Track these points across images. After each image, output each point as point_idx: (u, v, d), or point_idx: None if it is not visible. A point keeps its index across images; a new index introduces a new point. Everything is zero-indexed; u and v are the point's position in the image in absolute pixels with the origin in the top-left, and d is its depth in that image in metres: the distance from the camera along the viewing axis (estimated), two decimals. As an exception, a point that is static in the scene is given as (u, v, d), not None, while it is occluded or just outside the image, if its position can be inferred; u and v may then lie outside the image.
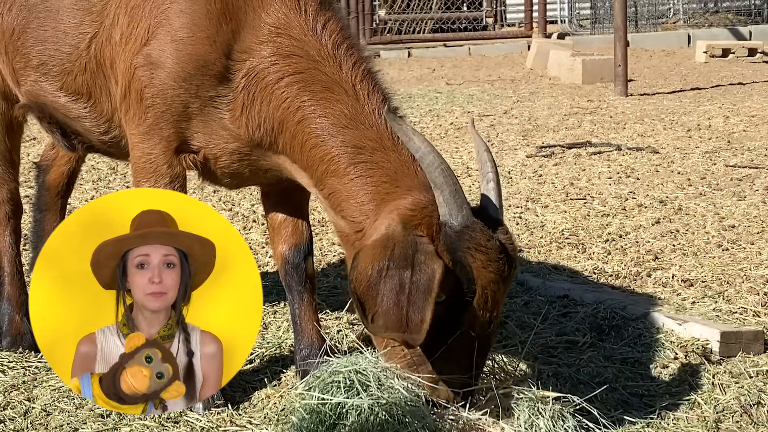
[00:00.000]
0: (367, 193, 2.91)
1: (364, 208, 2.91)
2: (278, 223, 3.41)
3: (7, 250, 3.81)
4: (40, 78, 3.37)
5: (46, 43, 3.31)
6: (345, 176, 2.93)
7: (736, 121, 9.11)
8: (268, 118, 3.00)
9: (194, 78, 3.00)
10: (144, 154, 3.11)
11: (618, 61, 11.11)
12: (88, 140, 3.45)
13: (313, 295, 3.40)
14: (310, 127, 2.97)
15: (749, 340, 3.63)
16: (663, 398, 3.23)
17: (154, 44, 3.03)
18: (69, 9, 3.25)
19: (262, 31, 2.99)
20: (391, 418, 2.67)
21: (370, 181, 2.91)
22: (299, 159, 3.02)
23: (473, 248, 2.73)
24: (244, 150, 3.09)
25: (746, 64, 14.15)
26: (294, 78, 2.97)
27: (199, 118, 3.05)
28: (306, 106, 2.97)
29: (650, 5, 19.29)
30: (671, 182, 6.58)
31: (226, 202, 6.07)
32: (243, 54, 2.99)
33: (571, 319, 3.98)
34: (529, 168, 7.14)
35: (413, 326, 2.67)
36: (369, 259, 2.75)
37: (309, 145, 2.97)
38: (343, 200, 2.95)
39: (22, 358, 3.61)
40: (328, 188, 2.99)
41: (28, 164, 6.26)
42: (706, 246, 5.06)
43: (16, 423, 3.11)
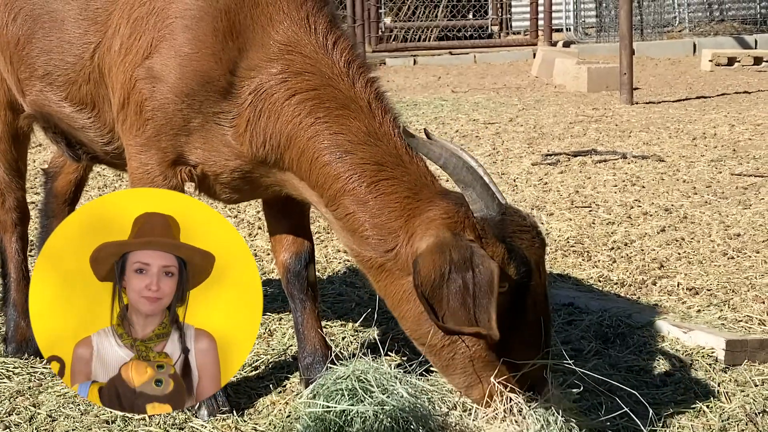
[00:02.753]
0: (393, 210, 2.88)
1: (391, 226, 2.88)
2: (279, 231, 3.41)
3: (14, 256, 3.82)
4: (45, 88, 3.38)
5: (51, 53, 3.32)
6: (366, 195, 2.90)
7: (742, 129, 9.11)
8: (275, 134, 2.98)
9: (197, 94, 2.98)
10: (141, 165, 3.11)
11: (623, 70, 11.11)
12: (92, 150, 3.46)
13: (316, 303, 3.40)
14: (323, 143, 2.93)
15: (754, 349, 3.62)
16: (668, 406, 3.23)
17: (156, 58, 3.01)
18: (74, 19, 3.25)
19: (272, 49, 2.96)
20: (395, 424, 2.67)
21: (393, 198, 2.89)
22: (308, 176, 2.98)
23: (517, 231, 2.82)
24: (245, 167, 3.07)
25: (752, 73, 14.15)
26: (307, 95, 2.95)
27: (200, 133, 3.04)
28: (320, 122, 2.93)
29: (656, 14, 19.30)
30: (677, 190, 6.58)
31: (232, 209, 6.08)
32: (251, 71, 2.97)
33: (576, 327, 3.98)
34: (535, 176, 7.14)
35: (483, 324, 2.73)
36: (430, 264, 2.76)
37: (320, 162, 2.94)
38: (364, 221, 2.90)
39: (27, 364, 3.62)
40: (343, 208, 2.93)
41: (35, 171, 6.29)
42: (711, 254, 5.05)
43: (22, 429, 3.12)
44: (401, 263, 2.86)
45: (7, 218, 3.81)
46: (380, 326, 3.79)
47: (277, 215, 3.43)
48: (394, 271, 2.89)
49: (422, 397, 2.79)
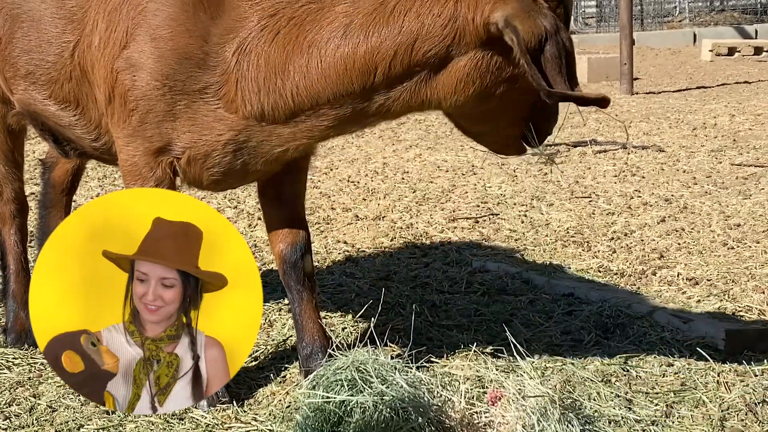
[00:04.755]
0: (432, 5, 2.85)
1: (444, 17, 2.85)
2: (275, 222, 3.40)
3: (13, 248, 3.82)
4: (29, 87, 3.38)
5: (31, 52, 3.31)
6: (393, 26, 2.86)
7: (742, 119, 9.10)
8: (269, 74, 2.95)
9: (178, 74, 2.97)
10: (129, 157, 3.10)
11: (623, 60, 11.10)
12: (80, 147, 3.45)
13: (314, 293, 3.40)
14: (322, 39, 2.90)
15: (754, 339, 3.62)
16: (668, 396, 3.23)
17: (133, 46, 3.01)
18: (50, 18, 3.24)
19: (242, 8, 2.97)
20: (395, 415, 2.67)
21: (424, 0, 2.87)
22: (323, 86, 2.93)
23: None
24: (240, 138, 3.04)
25: (752, 63, 14.13)
26: (289, 26, 2.94)
27: (187, 115, 3.02)
28: (310, 31, 2.91)
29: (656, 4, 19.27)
30: (677, 181, 6.58)
31: (231, 200, 6.08)
32: (229, 35, 2.96)
33: (576, 317, 3.98)
34: (535, 166, 7.14)
35: (575, 83, 2.87)
36: (528, 28, 2.81)
37: (330, 53, 2.89)
38: (411, 45, 2.87)
39: (27, 355, 3.62)
40: (383, 61, 2.87)
41: (35, 162, 6.28)
42: (711, 244, 5.05)
43: (22, 419, 3.12)
44: (469, 35, 2.87)
45: (5, 210, 3.81)
46: (380, 317, 3.79)
47: (272, 205, 3.40)
48: (458, 53, 2.88)
49: (421, 387, 2.79)
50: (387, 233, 5.41)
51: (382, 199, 6.20)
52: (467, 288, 4.42)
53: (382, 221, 5.67)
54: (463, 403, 2.84)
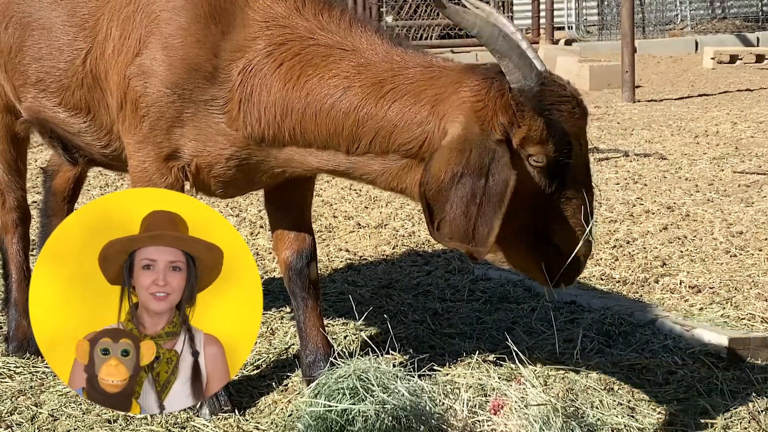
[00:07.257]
0: (412, 105, 2.84)
1: (417, 118, 2.84)
2: (281, 229, 3.41)
3: (15, 256, 3.82)
4: (39, 94, 3.39)
5: (42, 60, 3.33)
6: (380, 109, 2.87)
7: (744, 127, 9.10)
8: (269, 105, 2.99)
9: (187, 83, 3.01)
10: (139, 163, 3.13)
11: (625, 68, 11.11)
12: (89, 154, 3.47)
13: (318, 301, 3.40)
14: (321, 92, 2.93)
15: (757, 347, 3.62)
16: (671, 405, 3.22)
17: (146, 54, 3.05)
18: (62, 26, 3.27)
19: (253, 28, 3.02)
20: (397, 423, 2.67)
21: (408, 97, 2.85)
22: (315, 135, 2.97)
23: (556, 102, 2.73)
24: (241, 155, 3.08)
25: (754, 70, 14.14)
26: (293, 61, 2.98)
27: (193, 123, 3.06)
28: (312, 77, 2.95)
29: (657, 11, 19.30)
30: (679, 188, 6.57)
31: (234, 208, 6.08)
32: (237, 52, 3.01)
33: (578, 325, 3.97)
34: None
35: (480, 238, 2.66)
36: (443, 163, 2.71)
37: (325, 110, 2.93)
38: (391, 131, 2.87)
39: (29, 363, 3.61)
40: (367, 136, 2.90)
41: (36, 170, 6.29)
42: (713, 252, 5.05)
43: (24, 428, 3.12)
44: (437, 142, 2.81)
45: (8, 218, 3.81)
46: (381, 325, 3.78)
47: (278, 212, 3.43)
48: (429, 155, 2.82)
49: (423, 396, 2.79)
50: (389, 241, 5.41)
51: (384, 207, 6.20)
52: (469, 296, 4.42)
53: (384, 229, 5.67)
54: (465, 411, 2.83)
